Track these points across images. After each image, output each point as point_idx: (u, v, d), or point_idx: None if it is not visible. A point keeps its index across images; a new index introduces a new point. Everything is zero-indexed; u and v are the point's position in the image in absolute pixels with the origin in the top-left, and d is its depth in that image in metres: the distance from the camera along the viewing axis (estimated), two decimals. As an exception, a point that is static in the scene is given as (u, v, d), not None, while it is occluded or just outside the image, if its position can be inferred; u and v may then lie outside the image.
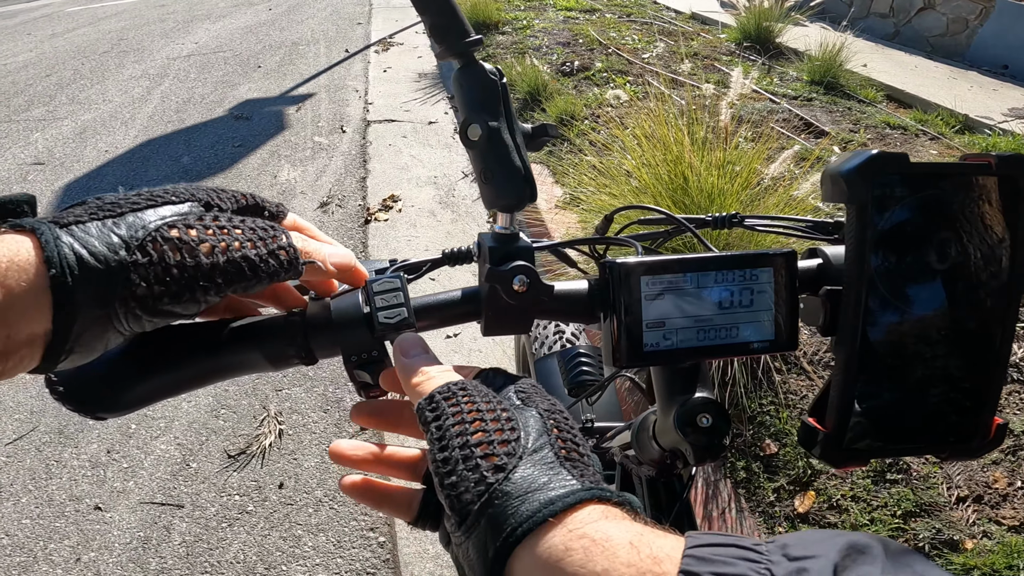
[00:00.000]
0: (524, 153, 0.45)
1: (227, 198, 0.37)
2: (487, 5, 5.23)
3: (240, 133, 3.86)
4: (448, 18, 0.42)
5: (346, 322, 0.40)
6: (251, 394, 1.92)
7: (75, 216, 0.31)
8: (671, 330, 0.40)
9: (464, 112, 0.44)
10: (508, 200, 0.45)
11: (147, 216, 0.32)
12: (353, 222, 2.83)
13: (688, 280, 0.40)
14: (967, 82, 4.18)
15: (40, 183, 3.34)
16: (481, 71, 0.44)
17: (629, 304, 0.40)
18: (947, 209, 0.36)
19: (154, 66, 5.49)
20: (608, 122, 2.53)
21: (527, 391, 0.35)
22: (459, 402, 0.32)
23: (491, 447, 0.29)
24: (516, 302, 0.42)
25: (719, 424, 0.41)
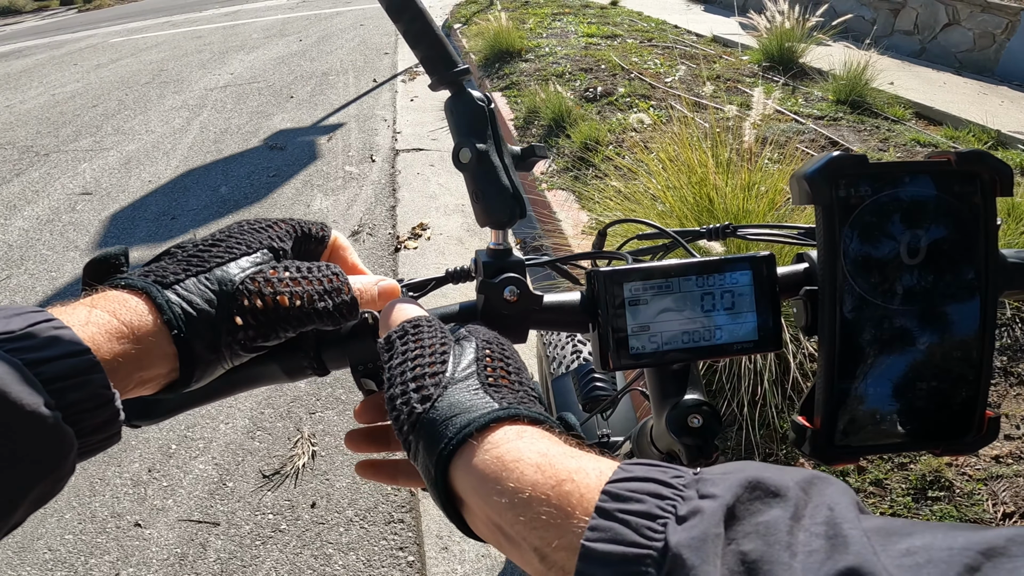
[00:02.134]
0: (513, 173, 0.47)
1: (284, 235, 0.42)
2: (510, 33, 5.31)
3: (275, 163, 3.97)
4: (438, 51, 0.46)
5: (354, 334, 0.44)
6: (286, 416, 1.97)
7: (173, 274, 0.36)
8: (656, 333, 0.42)
9: (455, 137, 0.47)
10: (498, 217, 0.47)
11: (231, 270, 0.37)
12: (383, 250, 2.89)
13: (671, 285, 0.42)
14: (998, 97, 4.11)
15: (88, 212, 3.49)
16: (470, 98, 0.47)
17: (614, 310, 0.42)
18: (913, 206, 0.37)
19: (193, 97, 5.73)
20: (632, 147, 2.56)
21: (474, 329, 0.38)
22: (408, 340, 0.35)
23: (423, 380, 0.33)
24: (509, 311, 0.45)
25: (710, 424, 0.43)
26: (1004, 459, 1.50)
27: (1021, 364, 1.73)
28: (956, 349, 0.38)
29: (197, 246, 0.39)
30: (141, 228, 3.26)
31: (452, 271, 0.52)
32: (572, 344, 1.18)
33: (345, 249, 0.46)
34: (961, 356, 0.38)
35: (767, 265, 0.42)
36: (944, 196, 0.37)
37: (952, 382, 0.38)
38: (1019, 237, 2.01)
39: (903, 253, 0.37)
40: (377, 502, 1.67)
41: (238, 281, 0.36)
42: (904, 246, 0.37)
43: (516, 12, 7.27)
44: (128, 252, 0.38)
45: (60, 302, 0.32)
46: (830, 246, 0.37)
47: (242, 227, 0.41)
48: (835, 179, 0.36)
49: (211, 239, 0.39)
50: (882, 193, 0.37)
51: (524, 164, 0.51)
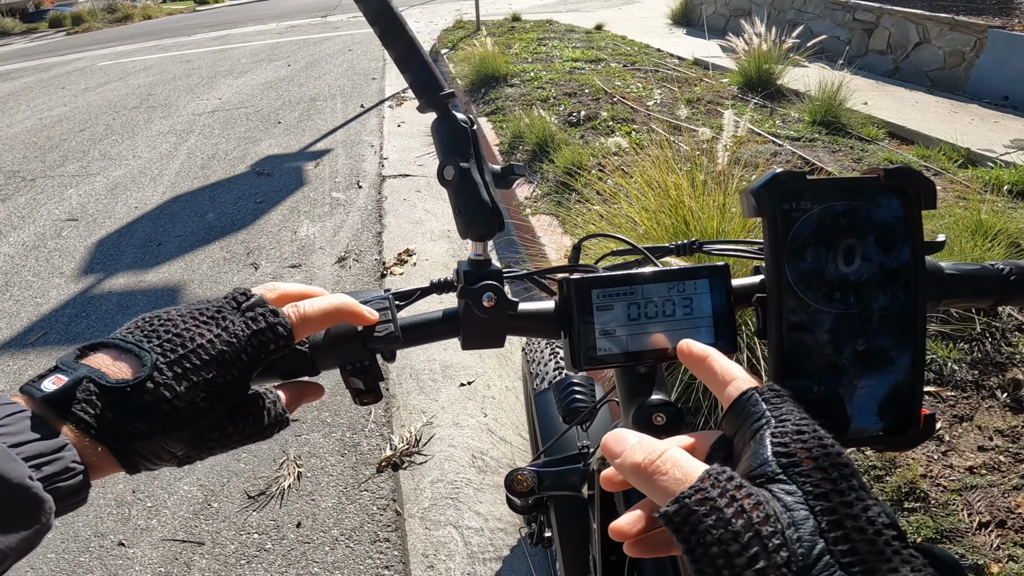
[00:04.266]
0: (492, 190, 0.51)
1: (229, 310, 0.42)
2: (495, 58, 5.39)
3: (262, 189, 4.00)
4: (426, 75, 0.49)
5: (343, 337, 0.47)
6: (271, 439, 1.97)
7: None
8: (622, 337, 0.47)
9: (440, 155, 0.51)
10: (478, 230, 0.50)
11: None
12: (370, 276, 2.90)
13: (635, 292, 0.47)
14: (968, 115, 4.23)
15: (74, 238, 3.50)
16: (454, 120, 0.50)
17: (583, 314, 0.47)
18: (848, 218, 0.40)
19: (180, 122, 5.76)
20: (613, 171, 2.62)
21: (800, 482, 0.28)
22: (716, 513, 0.26)
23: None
24: (487, 316, 0.49)
25: (674, 423, 0.46)
26: (978, 470, 1.54)
27: (992, 377, 1.78)
28: (891, 350, 0.40)
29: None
30: (127, 254, 3.27)
31: (437, 282, 0.56)
32: (555, 360, 1.21)
33: (277, 288, 0.46)
34: (896, 357, 0.40)
35: (722, 275, 0.47)
36: (875, 209, 0.40)
37: (892, 382, 0.41)
38: (987, 252, 2.07)
39: (839, 261, 0.40)
40: (363, 522, 1.68)
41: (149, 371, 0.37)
42: (840, 255, 0.40)
43: (502, 37, 7.40)
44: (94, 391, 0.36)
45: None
46: (775, 255, 0.40)
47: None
48: (778, 194, 0.40)
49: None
50: (820, 206, 0.40)
51: (503, 182, 0.55)
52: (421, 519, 1.69)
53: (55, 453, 0.32)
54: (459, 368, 2.24)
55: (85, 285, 2.99)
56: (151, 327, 0.38)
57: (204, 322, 0.39)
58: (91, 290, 2.94)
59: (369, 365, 0.47)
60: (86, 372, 0.35)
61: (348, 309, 0.45)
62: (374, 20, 0.48)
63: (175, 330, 0.38)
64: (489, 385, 2.16)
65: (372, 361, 0.48)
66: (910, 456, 1.58)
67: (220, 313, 0.40)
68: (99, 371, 0.35)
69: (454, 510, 1.71)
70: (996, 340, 1.87)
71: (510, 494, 0.77)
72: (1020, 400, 1.70)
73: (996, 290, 0.49)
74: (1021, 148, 3.53)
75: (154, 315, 0.40)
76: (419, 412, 2.05)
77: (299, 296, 0.46)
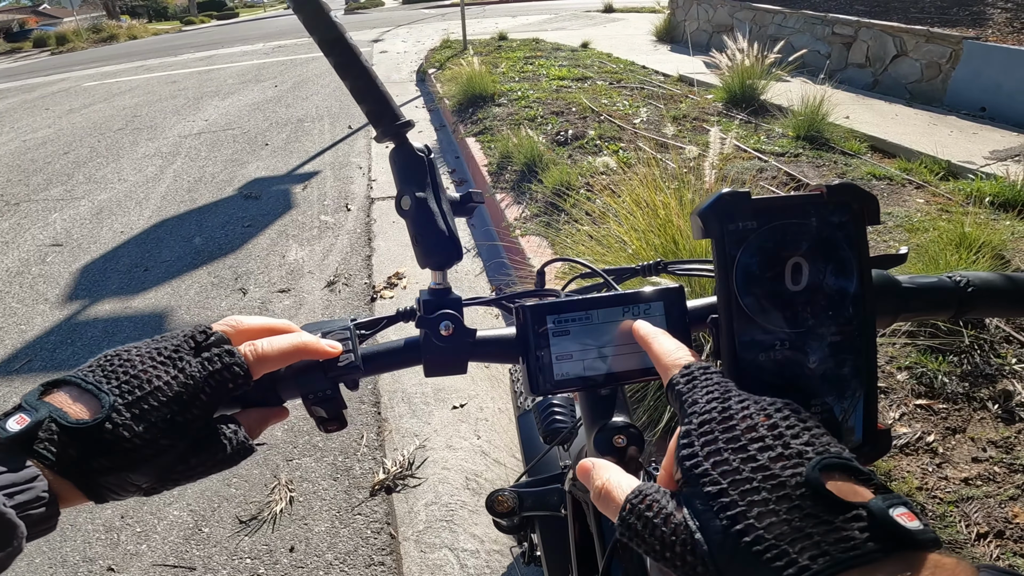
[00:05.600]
0: (449, 219, 0.51)
1: (187, 350, 0.43)
2: (483, 78, 5.44)
3: (250, 213, 3.97)
4: (382, 105, 0.49)
5: (304, 369, 0.47)
6: (262, 464, 1.95)
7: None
8: (579, 361, 0.47)
9: (397, 185, 0.51)
10: (436, 259, 0.51)
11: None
12: (359, 300, 2.88)
13: (591, 317, 0.47)
14: (947, 127, 4.31)
15: (58, 264, 3.46)
16: (410, 149, 0.51)
17: (539, 340, 0.47)
18: (794, 236, 0.40)
19: (166, 144, 5.74)
20: (601, 190, 2.63)
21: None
22: (636, 533, 0.31)
23: None
24: (445, 344, 0.49)
25: (634, 443, 0.47)
26: (973, 481, 1.54)
27: (982, 390, 1.79)
28: (843, 367, 0.40)
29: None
30: (113, 280, 3.23)
31: (402, 311, 0.56)
32: None
33: (238, 324, 0.46)
34: (849, 373, 0.40)
35: (676, 297, 0.48)
36: (820, 226, 0.40)
37: (846, 398, 0.40)
38: (972, 265, 2.10)
39: (787, 280, 0.40)
40: (357, 545, 1.66)
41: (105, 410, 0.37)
42: (788, 274, 0.40)
43: (489, 56, 7.47)
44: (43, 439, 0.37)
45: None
46: (723, 276, 0.40)
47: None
48: (724, 214, 0.40)
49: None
50: (766, 225, 0.40)
51: (462, 210, 0.55)
52: (416, 542, 1.67)
53: (26, 483, 0.33)
54: (451, 391, 2.23)
55: (70, 312, 2.95)
56: (111, 367, 0.40)
57: (162, 362, 0.40)
58: (76, 317, 2.90)
59: (331, 395, 0.47)
60: (47, 412, 0.36)
61: (307, 347, 0.45)
62: (329, 51, 0.48)
63: (133, 371, 0.39)
64: (482, 407, 2.14)
65: (334, 391, 0.48)
66: (905, 469, 1.59)
67: (177, 353, 0.41)
68: (60, 410, 0.36)
69: (449, 532, 1.69)
70: (985, 352, 1.89)
71: (492, 515, 0.78)
72: (1011, 411, 1.71)
73: (954, 302, 0.49)
74: (1000, 159, 3.60)
75: (115, 353, 0.41)
76: (412, 435, 2.03)
77: (260, 331, 0.46)
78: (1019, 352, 1.88)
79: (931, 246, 2.24)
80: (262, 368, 0.43)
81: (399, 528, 1.71)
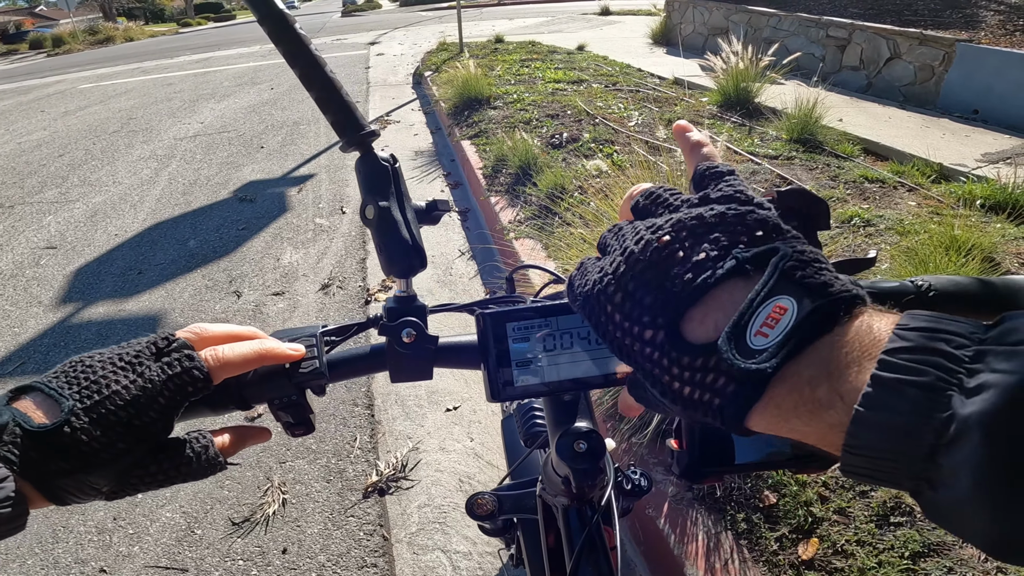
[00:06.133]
0: (413, 227, 0.52)
1: (148, 355, 0.44)
2: (478, 81, 5.44)
3: (244, 215, 3.97)
4: (346, 114, 0.50)
5: (269, 374, 0.48)
6: (255, 466, 1.95)
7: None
8: (539, 367, 0.47)
9: (362, 194, 0.52)
10: (400, 267, 0.51)
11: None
12: (354, 303, 2.88)
13: (550, 324, 0.47)
14: (940, 130, 4.33)
15: (52, 267, 3.45)
16: (374, 158, 0.52)
17: (499, 347, 0.47)
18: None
19: (162, 147, 5.73)
20: (595, 194, 2.64)
21: None
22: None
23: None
24: (407, 351, 0.50)
25: (595, 448, 0.47)
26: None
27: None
28: None
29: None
30: (107, 283, 3.23)
31: (371, 317, 0.56)
32: None
33: (202, 331, 0.47)
34: None
35: None
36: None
37: None
38: (961, 268, 2.11)
39: None
40: (350, 547, 1.67)
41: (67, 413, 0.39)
42: None
43: (485, 59, 7.48)
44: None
45: None
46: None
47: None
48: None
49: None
50: None
51: (428, 218, 0.56)
52: (409, 544, 1.67)
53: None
54: (445, 394, 2.23)
55: (64, 314, 2.95)
56: (74, 372, 0.41)
57: (122, 367, 0.41)
58: (70, 319, 2.90)
59: (296, 400, 0.48)
60: (11, 416, 0.37)
61: (268, 353, 0.46)
62: (294, 63, 0.48)
63: (93, 376, 0.40)
64: (475, 410, 2.15)
65: (299, 396, 0.48)
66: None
67: (138, 358, 0.42)
68: (24, 415, 0.38)
69: (442, 534, 1.69)
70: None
71: (471, 517, 0.78)
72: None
73: (915, 307, 0.48)
74: (992, 162, 3.62)
75: (79, 360, 0.42)
76: (405, 438, 2.03)
77: (225, 338, 0.47)
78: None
79: (921, 249, 2.25)
80: (223, 373, 0.44)
81: (392, 530, 1.71)
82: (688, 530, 1.49)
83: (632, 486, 0.71)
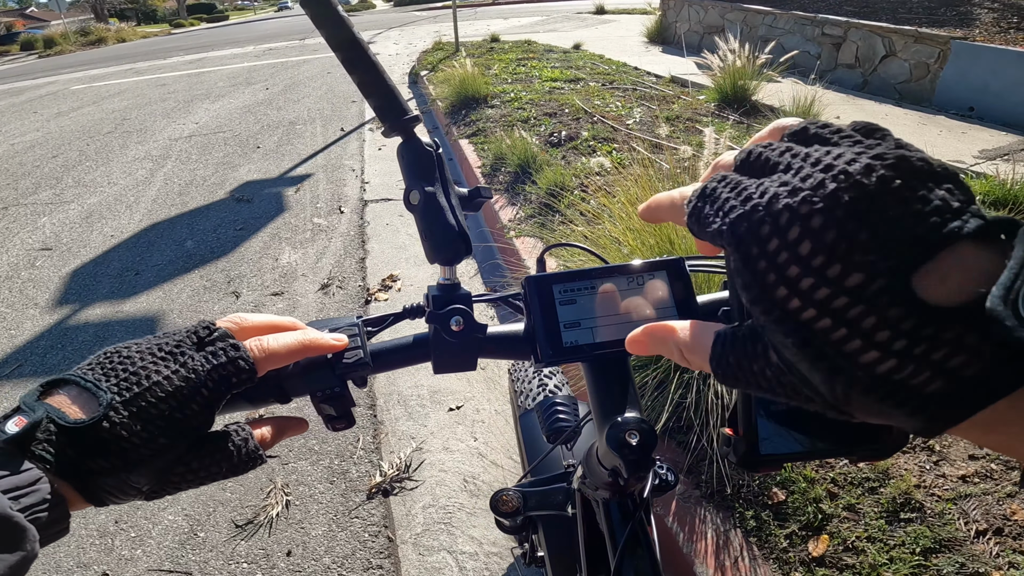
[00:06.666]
0: (459, 213, 0.51)
1: (189, 345, 0.42)
2: (475, 80, 5.43)
3: (242, 216, 3.94)
4: (390, 100, 0.49)
5: (312, 365, 0.46)
6: (258, 468, 1.94)
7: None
8: (587, 329, 0.47)
9: (406, 180, 0.51)
10: (445, 254, 0.50)
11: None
12: (354, 303, 2.86)
13: (595, 286, 0.47)
14: (936, 127, 4.34)
15: (48, 268, 3.42)
16: (419, 144, 0.50)
17: (547, 310, 0.46)
18: None
19: (157, 147, 5.69)
20: (596, 191, 2.63)
21: None
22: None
23: None
24: (456, 340, 0.49)
25: (646, 440, 0.46)
26: (970, 479, 1.55)
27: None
28: None
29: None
30: (103, 284, 3.20)
31: (409, 307, 0.55)
32: (539, 378, 1.21)
33: (242, 321, 0.45)
34: None
35: (678, 268, 0.48)
36: None
37: None
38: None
39: None
40: (355, 549, 1.65)
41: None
42: None
43: (482, 58, 7.47)
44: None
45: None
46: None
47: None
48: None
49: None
50: None
51: (471, 204, 0.55)
52: (414, 545, 1.66)
53: (31, 486, 0.33)
54: (447, 393, 2.22)
55: (60, 316, 2.92)
56: (110, 364, 0.39)
57: (162, 358, 0.39)
58: (66, 321, 2.87)
59: (339, 392, 0.47)
60: (44, 412, 0.35)
61: (313, 344, 0.45)
62: (338, 46, 0.47)
63: (132, 368, 0.38)
64: (478, 409, 2.13)
65: (342, 388, 0.47)
66: (903, 467, 1.59)
67: (179, 348, 0.40)
68: (59, 410, 0.36)
69: (447, 535, 1.68)
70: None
71: (496, 515, 0.77)
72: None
73: None
74: (990, 159, 3.63)
75: (115, 350, 0.40)
76: (408, 438, 2.02)
77: (266, 328, 0.45)
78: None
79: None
80: (268, 364, 0.42)
81: (397, 531, 1.70)
82: (697, 528, 1.48)
83: (659, 481, 0.70)
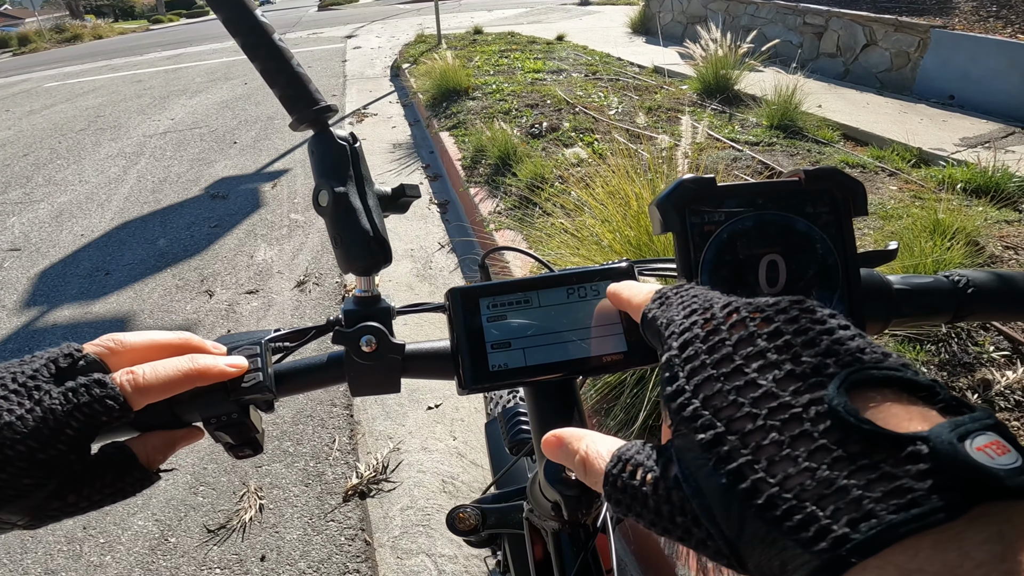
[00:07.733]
0: (375, 216, 0.45)
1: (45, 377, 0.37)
2: (456, 72, 5.38)
3: (217, 212, 3.87)
4: (297, 88, 0.44)
5: (204, 390, 0.40)
6: (230, 471, 1.89)
7: None
8: (518, 349, 0.40)
9: (315, 178, 0.45)
10: (360, 264, 0.45)
11: None
12: (331, 300, 2.81)
13: (530, 299, 0.40)
14: (917, 115, 4.35)
15: (16, 269, 3.32)
16: (330, 137, 0.45)
17: (472, 327, 0.40)
18: (769, 230, 0.34)
19: (130, 144, 5.57)
20: (576, 183, 2.59)
21: None
22: (626, 497, 0.28)
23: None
24: (369, 362, 0.43)
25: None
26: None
27: (961, 378, 1.78)
28: None
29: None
30: (72, 285, 3.11)
31: (331, 320, 0.48)
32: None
33: (119, 343, 0.39)
34: None
35: (628, 275, 0.41)
36: (798, 218, 0.35)
37: None
38: (947, 252, 2.10)
39: (762, 281, 0.35)
40: (331, 553, 1.61)
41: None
42: (762, 274, 0.35)
43: (463, 51, 7.40)
44: None
45: None
46: (687, 277, 0.35)
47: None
48: (686, 205, 0.34)
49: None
50: (735, 218, 0.34)
51: (394, 206, 0.49)
52: (392, 548, 1.62)
53: None
54: (426, 391, 2.17)
55: (28, 318, 2.84)
56: None
57: (15, 391, 0.34)
58: (35, 323, 2.79)
59: (237, 419, 0.41)
60: None
61: (199, 372, 0.39)
62: (236, 31, 0.42)
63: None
64: (457, 407, 2.09)
65: (241, 414, 0.41)
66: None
67: (34, 381, 0.35)
68: None
69: (426, 538, 1.64)
70: (963, 340, 1.89)
71: (452, 532, 0.71)
72: (991, 400, 1.70)
73: (951, 305, 0.43)
74: (971, 146, 3.64)
75: None
76: (386, 438, 1.97)
77: (148, 350, 0.39)
78: (996, 340, 1.88)
79: (905, 233, 2.24)
80: (143, 399, 0.37)
81: (374, 534, 1.66)
82: (678, 525, 1.45)
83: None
